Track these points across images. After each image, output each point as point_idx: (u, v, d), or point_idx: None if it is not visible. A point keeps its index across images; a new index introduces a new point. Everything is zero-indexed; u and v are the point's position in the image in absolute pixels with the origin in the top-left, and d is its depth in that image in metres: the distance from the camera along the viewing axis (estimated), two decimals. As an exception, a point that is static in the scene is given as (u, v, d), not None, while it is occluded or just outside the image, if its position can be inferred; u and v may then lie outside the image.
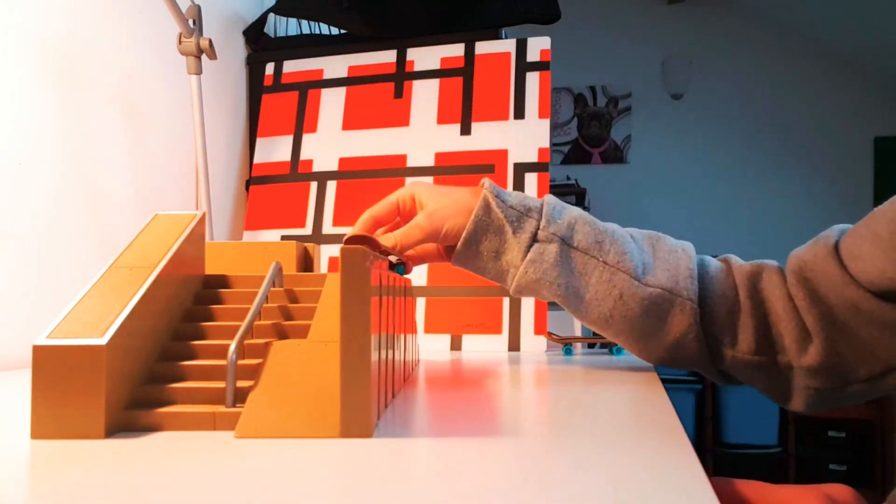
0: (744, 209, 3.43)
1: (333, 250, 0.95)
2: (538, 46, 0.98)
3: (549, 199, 0.60)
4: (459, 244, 0.58)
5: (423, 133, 0.98)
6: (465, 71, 1.00)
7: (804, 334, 0.55)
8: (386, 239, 0.57)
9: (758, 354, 0.57)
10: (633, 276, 0.57)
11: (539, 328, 0.83)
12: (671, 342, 0.58)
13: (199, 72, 0.85)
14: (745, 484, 0.51)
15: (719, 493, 0.47)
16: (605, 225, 0.59)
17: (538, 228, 0.57)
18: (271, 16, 1.17)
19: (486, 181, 0.59)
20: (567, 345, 0.80)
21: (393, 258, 0.59)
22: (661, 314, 0.57)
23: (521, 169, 0.91)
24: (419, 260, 0.63)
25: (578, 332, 0.96)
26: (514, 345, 0.83)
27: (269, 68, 1.09)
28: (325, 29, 1.16)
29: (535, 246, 0.57)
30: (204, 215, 0.49)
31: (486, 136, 0.95)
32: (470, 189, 0.60)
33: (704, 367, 0.60)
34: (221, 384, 0.38)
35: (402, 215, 0.60)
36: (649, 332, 0.58)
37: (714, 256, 0.63)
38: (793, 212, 3.35)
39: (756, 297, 0.57)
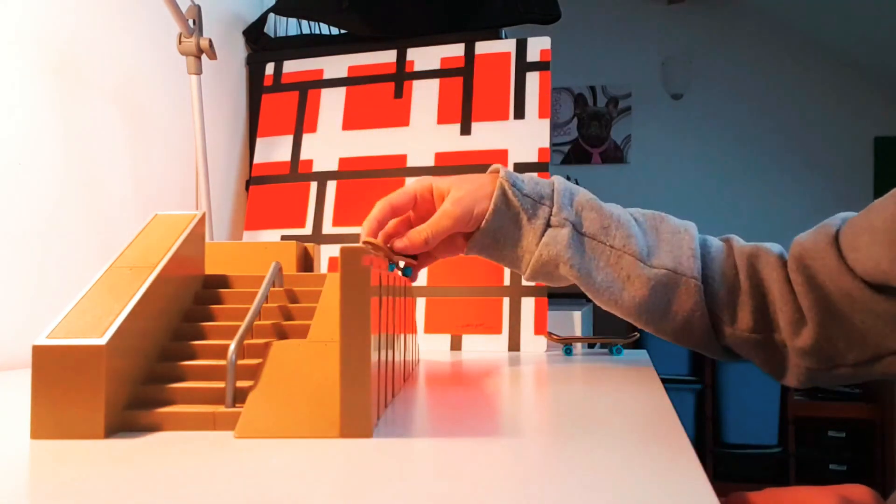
0: (744, 209, 3.43)
1: (333, 250, 0.95)
2: (538, 46, 0.98)
3: (559, 183, 0.62)
4: (479, 233, 0.59)
5: (423, 133, 0.98)
6: (465, 71, 1.00)
7: (798, 317, 0.57)
8: (417, 233, 0.58)
9: (755, 332, 0.59)
10: (639, 259, 0.59)
11: (539, 328, 0.83)
12: (680, 321, 0.60)
13: (199, 72, 0.85)
14: (758, 494, 0.54)
15: None
16: (610, 208, 0.62)
17: (551, 215, 0.60)
18: (271, 16, 1.17)
19: (501, 168, 0.61)
20: (567, 345, 0.80)
21: (401, 262, 0.59)
22: (668, 294, 0.59)
23: (522, 169, 0.91)
24: (436, 256, 0.63)
25: (578, 332, 0.96)
26: (514, 345, 0.83)
27: (269, 68, 1.09)
28: (325, 29, 1.16)
29: (549, 231, 0.59)
30: (204, 215, 0.49)
31: (486, 136, 0.95)
32: (487, 175, 0.61)
33: (709, 344, 0.62)
34: (221, 384, 0.38)
35: (418, 208, 0.61)
36: (659, 312, 0.60)
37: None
38: (792, 212, 3.35)
39: (754, 278, 0.59)
